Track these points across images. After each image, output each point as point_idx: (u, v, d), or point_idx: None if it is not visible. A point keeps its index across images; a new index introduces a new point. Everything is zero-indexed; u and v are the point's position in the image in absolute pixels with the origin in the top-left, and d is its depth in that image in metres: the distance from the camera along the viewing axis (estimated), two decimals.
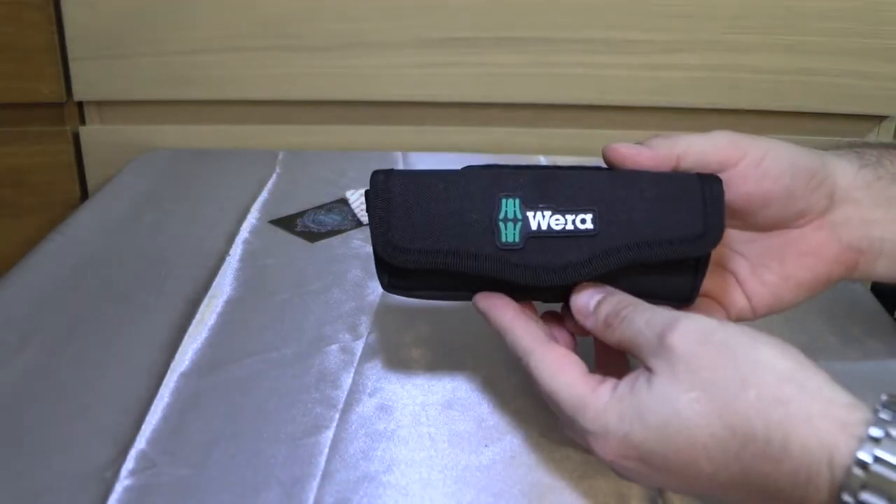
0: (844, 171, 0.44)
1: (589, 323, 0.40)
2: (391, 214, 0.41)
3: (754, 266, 0.45)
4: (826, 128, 0.94)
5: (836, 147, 0.46)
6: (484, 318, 0.42)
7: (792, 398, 0.32)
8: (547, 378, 0.38)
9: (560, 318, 0.44)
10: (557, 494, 0.42)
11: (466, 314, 0.58)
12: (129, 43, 0.89)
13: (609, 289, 0.41)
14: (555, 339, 0.41)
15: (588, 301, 0.40)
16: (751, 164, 0.42)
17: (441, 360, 0.53)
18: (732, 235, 0.46)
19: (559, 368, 0.38)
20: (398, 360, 0.53)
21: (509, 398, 0.49)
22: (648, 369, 0.35)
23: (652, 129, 0.46)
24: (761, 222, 0.44)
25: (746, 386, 0.33)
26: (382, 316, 0.58)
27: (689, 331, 0.35)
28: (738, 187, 0.42)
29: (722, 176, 0.42)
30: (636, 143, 0.43)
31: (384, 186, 0.42)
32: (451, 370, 0.52)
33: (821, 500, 0.31)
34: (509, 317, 0.41)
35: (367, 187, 0.42)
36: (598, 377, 0.38)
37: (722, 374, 0.33)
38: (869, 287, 0.69)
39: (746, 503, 0.34)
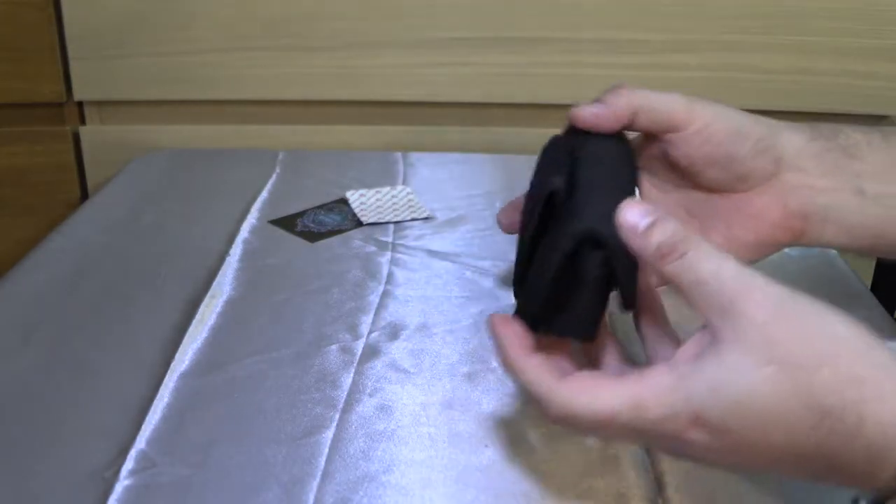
0: (793, 140, 0.46)
1: (637, 243, 0.37)
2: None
3: (703, 226, 0.48)
4: None
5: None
6: (495, 346, 0.40)
7: (867, 378, 0.32)
8: (588, 405, 0.36)
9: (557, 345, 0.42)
10: (557, 494, 0.42)
11: (466, 314, 0.58)
12: (129, 43, 0.89)
13: (660, 212, 0.37)
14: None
15: (638, 220, 0.37)
16: (697, 129, 0.45)
17: (441, 360, 0.53)
18: (686, 196, 0.49)
19: (593, 388, 0.36)
20: (398, 360, 0.53)
21: (509, 398, 0.49)
22: (712, 332, 0.34)
23: None
24: (706, 183, 0.47)
25: (822, 363, 0.32)
26: (382, 316, 0.58)
27: (764, 300, 0.34)
28: (680, 149, 0.46)
29: (668, 137, 0.45)
30: (596, 100, 0.46)
31: None
32: (450, 370, 0.52)
33: (887, 477, 0.31)
34: (520, 356, 0.39)
35: (367, 188, 0.42)
36: (635, 371, 0.37)
37: (798, 349, 0.33)
38: (869, 287, 0.69)
39: (810, 477, 0.34)
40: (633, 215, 0.37)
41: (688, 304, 0.36)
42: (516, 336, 0.39)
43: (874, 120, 0.94)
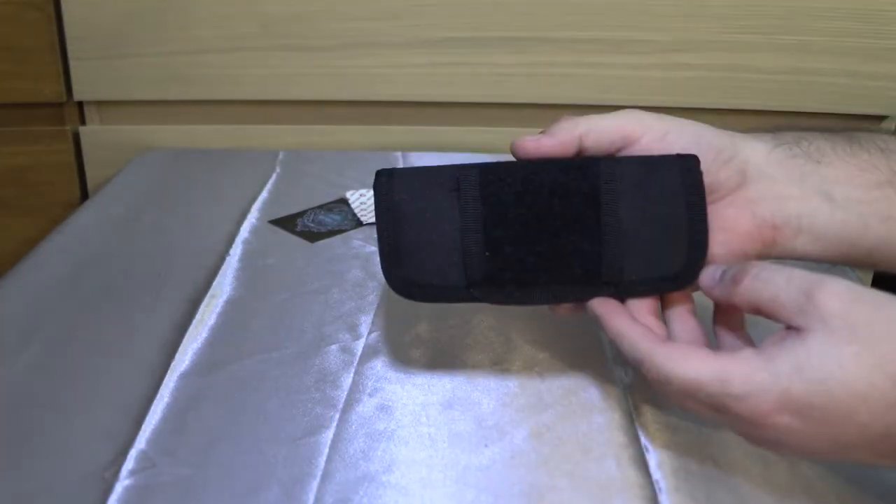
0: (756, 149, 0.45)
1: (717, 291, 0.41)
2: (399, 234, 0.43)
3: None
4: (826, 128, 0.94)
5: (752, 131, 0.48)
6: (597, 323, 0.43)
7: None
8: (679, 369, 0.38)
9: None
10: (557, 494, 0.42)
11: (466, 313, 0.58)
12: (129, 43, 0.89)
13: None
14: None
15: (714, 271, 0.42)
16: (654, 139, 0.44)
17: (441, 360, 0.53)
18: None
19: (686, 355, 0.38)
20: (398, 360, 0.53)
21: (509, 398, 0.49)
22: (795, 329, 0.36)
23: None
24: None
25: None
26: (382, 316, 0.58)
27: (838, 289, 0.36)
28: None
29: (624, 150, 0.44)
30: (539, 132, 0.45)
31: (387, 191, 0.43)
32: (451, 370, 0.52)
33: None
34: (623, 323, 0.42)
35: (367, 188, 0.42)
36: (727, 351, 0.38)
37: (879, 328, 0.34)
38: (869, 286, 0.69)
39: (888, 460, 0.35)
40: (706, 277, 0.42)
41: (771, 319, 0.38)
42: (615, 307, 0.43)
43: (874, 120, 0.94)
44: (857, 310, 0.35)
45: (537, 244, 0.43)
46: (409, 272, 0.43)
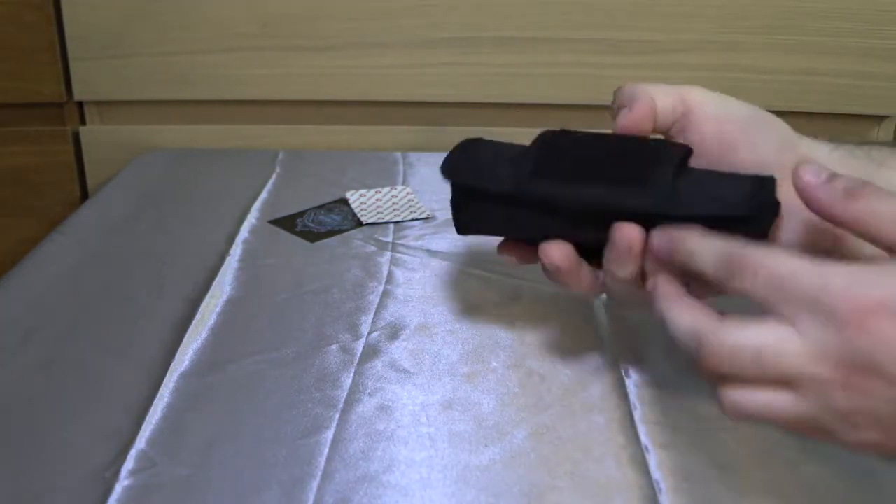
0: (816, 147, 0.45)
1: (821, 193, 0.37)
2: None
3: None
4: (826, 128, 0.94)
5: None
6: (651, 299, 0.40)
7: None
8: (749, 339, 0.34)
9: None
10: (557, 494, 0.42)
11: (466, 314, 0.58)
12: (129, 43, 0.89)
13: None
14: None
15: (817, 173, 0.38)
16: (713, 111, 0.45)
17: (441, 359, 0.53)
18: None
19: (754, 322, 0.35)
20: (398, 360, 0.53)
21: (509, 398, 0.49)
22: None
23: None
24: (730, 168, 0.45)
25: None
26: (382, 316, 0.58)
27: None
28: (696, 129, 0.45)
29: (681, 120, 0.45)
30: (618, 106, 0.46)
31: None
32: (451, 370, 0.52)
33: None
34: (682, 303, 0.39)
35: (366, 188, 0.43)
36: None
37: None
38: None
39: None
40: (810, 172, 0.38)
41: (875, 243, 0.36)
42: (671, 285, 0.40)
43: (874, 120, 0.94)
44: None
45: (589, 164, 0.44)
46: (467, 177, 0.48)
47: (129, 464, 0.43)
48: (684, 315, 0.38)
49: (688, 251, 0.39)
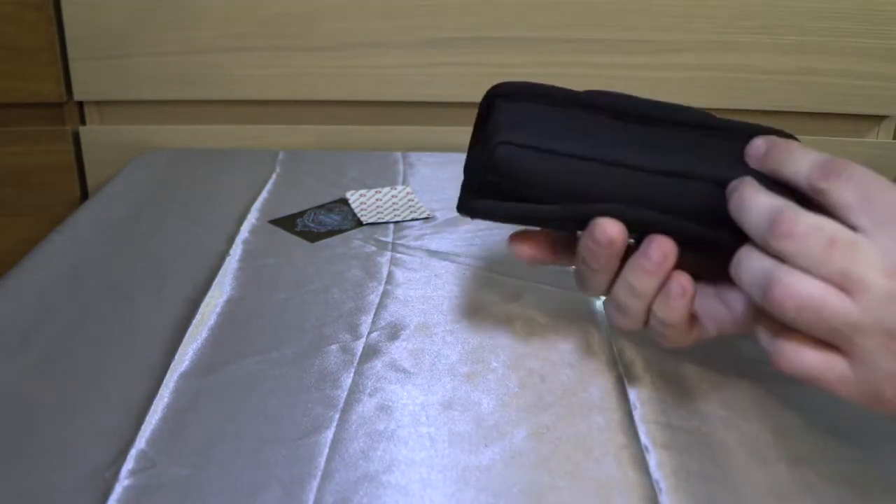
0: None
1: (816, 175, 0.38)
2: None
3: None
4: (826, 128, 0.94)
5: None
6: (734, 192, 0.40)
7: None
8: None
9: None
10: (557, 494, 0.42)
11: (466, 314, 0.58)
12: (129, 43, 0.89)
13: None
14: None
15: (783, 142, 0.41)
16: None
17: (441, 359, 0.53)
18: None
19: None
20: (398, 360, 0.53)
21: (509, 398, 0.49)
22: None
23: None
24: None
25: None
26: (382, 316, 0.58)
27: None
28: None
29: None
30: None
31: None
32: (451, 370, 0.52)
33: None
34: (751, 190, 0.39)
35: (366, 188, 0.42)
36: None
37: None
38: None
39: None
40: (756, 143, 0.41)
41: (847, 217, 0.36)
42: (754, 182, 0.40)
43: (874, 120, 0.94)
44: None
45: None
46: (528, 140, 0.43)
47: (128, 464, 0.43)
48: (765, 197, 0.38)
49: (784, 157, 0.39)
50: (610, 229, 0.41)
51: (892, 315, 0.34)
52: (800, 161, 0.38)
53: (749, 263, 0.38)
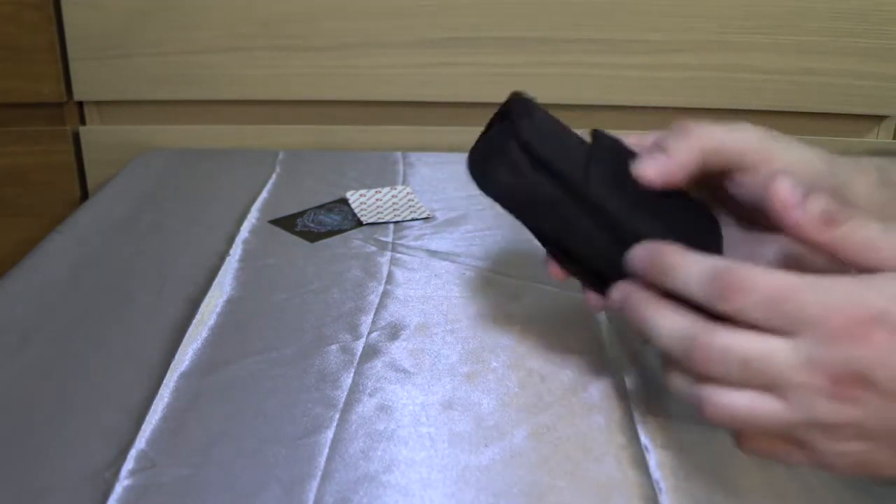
0: (860, 185, 0.44)
1: (796, 215, 0.36)
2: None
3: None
4: (826, 128, 0.94)
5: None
6: (624, 310, 0.40)
7: None
8: (759, 281, 0.34)
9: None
10: (557, 494, 0.42)
11: (466, 314, 0.58)
12: (129, 43, 0.89)
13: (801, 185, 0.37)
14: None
15: (792, 190, 0.36)
16: (769, 168, 0.41)
17: (441, 359, 0.53)
18: (729, 233, 0.45)
19: (766, 274, 0.34)
20: (398, 360, 0.53)
21: (509, 398, 0.49)
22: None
23: (652, 130, 0.46)
24: (758, 221, 0.44)
25: None
26: (382, 316, 0.58)
27: None
28: (747, 189, 0.42)
29: (734, 177, 0.43)
30: (655, 142, 0.43)
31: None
32: (451, 370, 0.52)
33: None
34: (651, 309, 0.38)
35: (366, 188, 0.42)
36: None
37: None
38: None
39: None
40: (784, 188, 0.36)
41: (856, 268, 0.35)
42: (645, 290, 0.39)
43: (874, 120, 0.94)
44: None
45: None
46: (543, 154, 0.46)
47: (129, 464, 0.43)
48: (674, 317, 0.37)
49: (667, 265, 0.37)
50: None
51: (822, 410, 0.33)
52: (688, 275, 0.36)
53: (675, 385, 0.38)
